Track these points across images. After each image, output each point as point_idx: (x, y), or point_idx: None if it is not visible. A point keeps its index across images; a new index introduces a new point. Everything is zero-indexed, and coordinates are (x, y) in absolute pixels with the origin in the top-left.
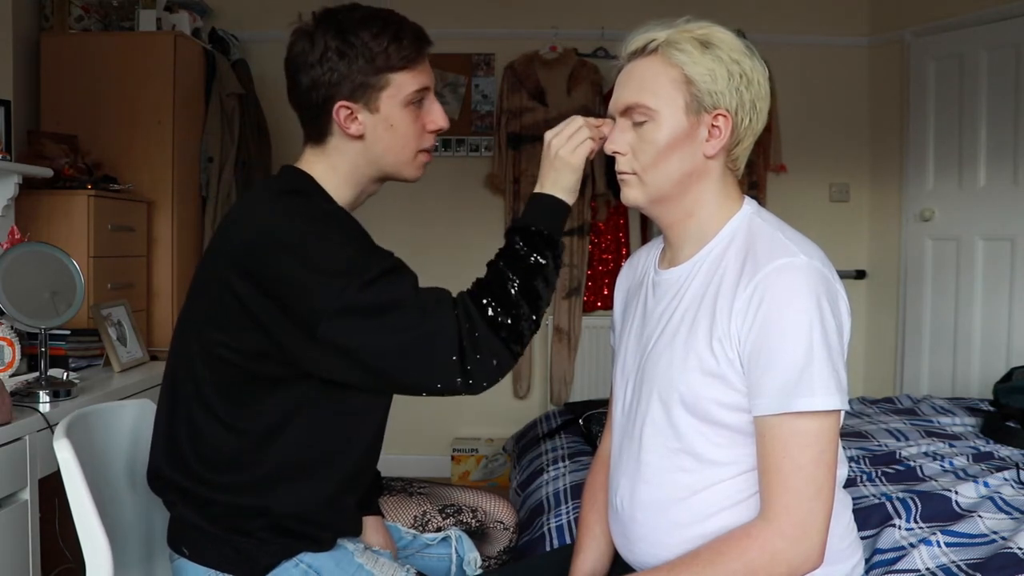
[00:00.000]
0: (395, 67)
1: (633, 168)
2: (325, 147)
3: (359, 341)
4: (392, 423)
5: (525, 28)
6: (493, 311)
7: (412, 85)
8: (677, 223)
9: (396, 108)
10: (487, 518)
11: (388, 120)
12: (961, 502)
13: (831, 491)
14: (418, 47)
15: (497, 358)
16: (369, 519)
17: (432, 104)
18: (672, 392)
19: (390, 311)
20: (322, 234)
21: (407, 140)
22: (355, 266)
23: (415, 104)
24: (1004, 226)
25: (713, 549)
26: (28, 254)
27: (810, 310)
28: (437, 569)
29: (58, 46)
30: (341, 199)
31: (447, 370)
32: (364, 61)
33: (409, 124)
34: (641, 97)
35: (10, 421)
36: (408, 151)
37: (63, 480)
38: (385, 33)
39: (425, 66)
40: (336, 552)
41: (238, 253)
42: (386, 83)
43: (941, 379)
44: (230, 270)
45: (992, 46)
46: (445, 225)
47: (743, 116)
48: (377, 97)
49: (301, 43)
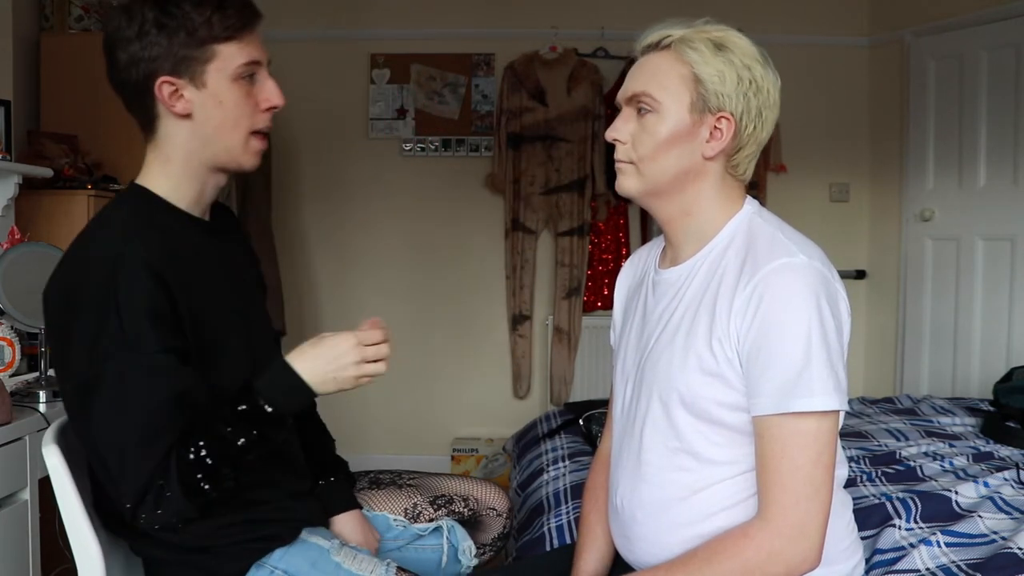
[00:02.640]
0: (219, 38)
1: (631, 157)
2: (156, 137)
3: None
4: (392, 423)
5: (525, 28)
6: (197, 479)
7: (240, 57)
8: (674, 220)
9: (224, 82)
10: (479, 506)
11: (216, 96)
12: (961, 502)
13: (829, 491)
14: (244, 17)
15: (177, 516)
16: (346, 515)
17: (266, 80)
18: (672, 392)
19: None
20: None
21: (238, 118)
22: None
23: (245, 79)
24: (1004, 226)
25: (710, 549)
26: (28, 254)
27: (809, 310)
28: (430, 560)
29: (58, 46)
30: (185, 198)
31: (125, 490)
32: (186, 33)
33: (239, 100)
34: (648, 87)
35: (10, 421)
36: (240, 131)
37: (53, 485)
38: (207, 3)
39: (255, 38)
40: (311, 552)
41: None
42: (212, 55)
43: (941, 379)
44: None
45: (992, 46)
46: (445, 225)
47: (748, 122)
48: (203, 71)
49: (117, 18)
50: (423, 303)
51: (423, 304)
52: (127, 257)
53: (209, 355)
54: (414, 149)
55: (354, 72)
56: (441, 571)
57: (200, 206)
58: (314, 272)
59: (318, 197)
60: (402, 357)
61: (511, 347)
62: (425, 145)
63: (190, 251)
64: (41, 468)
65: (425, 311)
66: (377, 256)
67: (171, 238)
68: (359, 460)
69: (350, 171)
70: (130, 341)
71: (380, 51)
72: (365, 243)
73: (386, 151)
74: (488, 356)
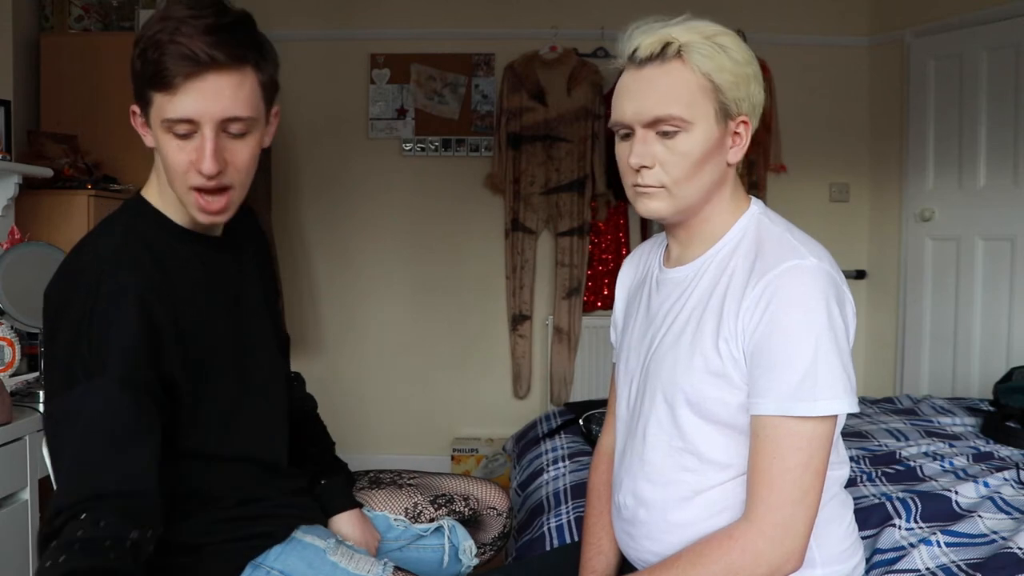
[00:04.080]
0: (152, 84)
1: (662, 182)
2: (156, 153)
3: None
4: (392, 423)
5: (525, 28)
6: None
7: (167, 112)
8: (690, 227)
9: (159, 130)
10: (479, 505)
11: (156, 140)
12: (961, 502)
13: (817, 496)
14: (183, 70)
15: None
16: (346, 514)
17: (202, 141)
18: (677, 392)
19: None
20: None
21: (171, 170)
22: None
23: (180, 136)
24: (1004, 226)
25: (695, 551)
26: (28, 254)
27: (819, 312)
28: (431, 560)
29: (58, 46)
30: (179, 213)
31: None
32: (141, 65)
33: (172, 153)
34: (672, 108)
35: (10, 421)
36: (178, 183)
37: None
38: (157, 38)
39: (193, 92)
40: (307, 552)
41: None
42: (149, 99)
43: (941, 379)
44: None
45: (992, 46)
46: (445, 225)
47: (753, 119)
48: (148, 111)
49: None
50: (423, 303)
51: (423, 304)
52: (111, 281)
53: (196, 376)
54: (414, 149)
55: (354, 72)
56: (442, 571)
57: (197, 224)
58: (314, 272)
59: (318, 197)
60: (402, 357)
61: (511, 347)
62: (425, 145)
63: (179, 269)
64: (41, 468)
65: (425, 311)
66: (377, 256)
67: (162, 257)
68: (359, 460)
69: (350, 171)
70: (93, 368)
71: (380, 51)
72: (365, 243)
73: (386, 151)
74: (488, 356)
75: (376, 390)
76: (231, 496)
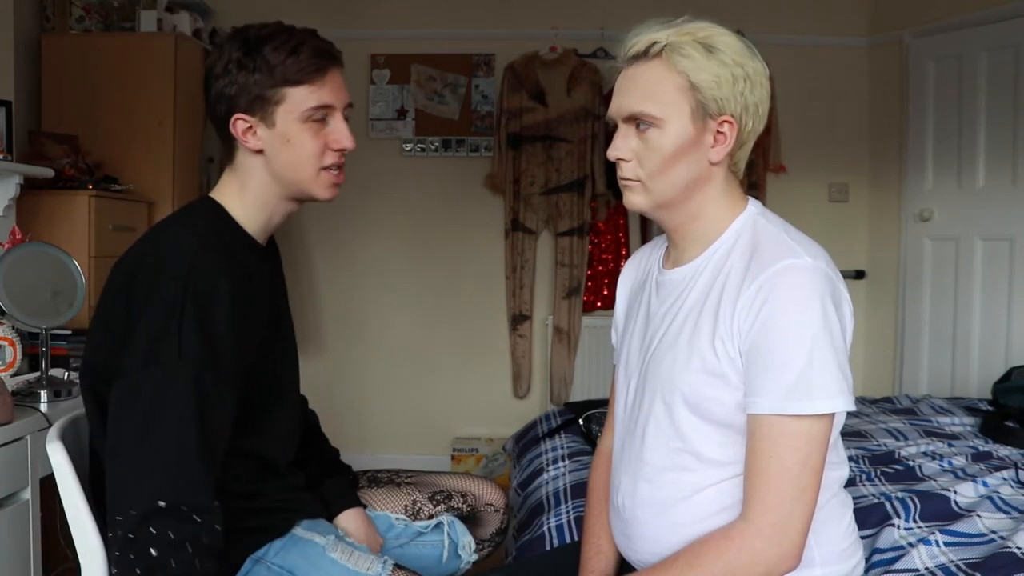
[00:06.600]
0: (291, 81)
1: (638, 175)
2: (234, 164)
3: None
4: (392, 423)
5: (525, 28)
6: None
7: (309, 101)
8: (681, 226)
9: (293, 123)
10: (477, 502)
11: (285, 135)
12: (960, 502)
13: (814, 495)
14: (318, 63)
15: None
16: (350, 512)
17: (338, 123)
18: (675, 392)
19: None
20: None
21: (305, 157)
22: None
23: (316, 121)
24: (1003, 226)
25: (692, 551)
26: (29, 254)
27: (814, 311)
28: (432, 556)
29: (59, 47)
30: (253, 222)
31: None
32: (261, 74)
33: (307, 141)
34: (645, 106)
35: (11, 421)
36: (308, 169)
37: (57, 483)
38: (284, 47)
39: (328, 83)
40: (308, 548)
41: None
42: (282, 97)
43: (940, 379)
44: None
45: (992, 46)
46: (445, 225)
47: (747, 120)
48: (273, 111)
49: (213, 55)
50: (423, 303)
51: (423, 304)
52: (203, 273)
53: (247, 379)
54: (414, 149)
55: (354, 72)
56: (441, 566)
57: (265, 232)
58: (314, 272)
59: None
60: (402, 357)
61: (511, 347)
62: (425, 145)
63: (250, 273)
64: (42, 467)
65: (425, 311)
66: (377, 256)
67: (241, 264)
68: (359, 460)
69: (350, 171)
70: (184, 351)
71: (380, 51)
72: (365, 243)
73: (386, 151)
74: (488, 356)
75: (376, 390)
76: (234, 490)
